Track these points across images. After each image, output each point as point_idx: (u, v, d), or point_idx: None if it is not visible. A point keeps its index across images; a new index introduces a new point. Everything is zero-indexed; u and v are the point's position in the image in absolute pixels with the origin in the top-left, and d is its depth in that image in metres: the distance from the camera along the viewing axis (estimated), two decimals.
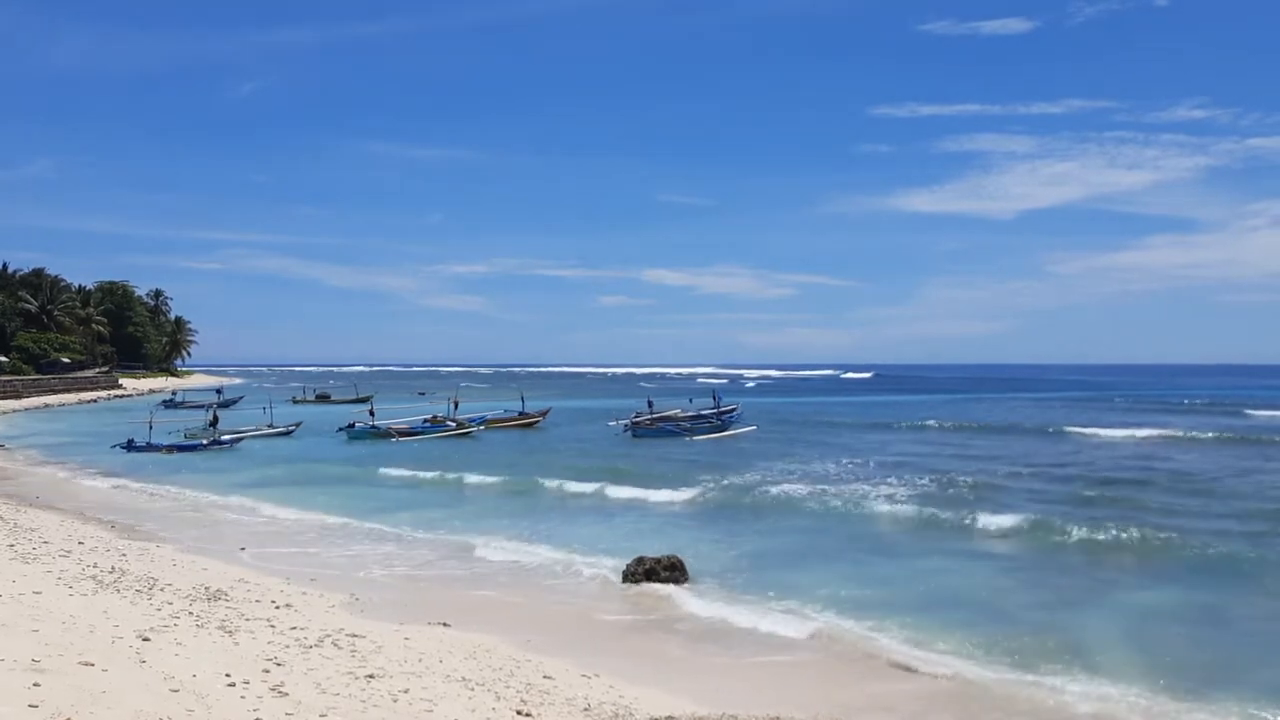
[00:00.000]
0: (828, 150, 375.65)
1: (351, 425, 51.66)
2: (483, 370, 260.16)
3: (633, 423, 52.69)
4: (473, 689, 11.15)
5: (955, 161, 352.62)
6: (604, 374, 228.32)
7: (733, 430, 53.90)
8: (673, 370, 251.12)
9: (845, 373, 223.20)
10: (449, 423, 53.35)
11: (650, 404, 55.98)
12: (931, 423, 58.02)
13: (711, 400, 57.66)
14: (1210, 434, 48.31)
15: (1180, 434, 48.90)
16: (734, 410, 58.38)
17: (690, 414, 55.42)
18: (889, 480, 32.26)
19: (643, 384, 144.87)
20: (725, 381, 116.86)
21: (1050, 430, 52.62)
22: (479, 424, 55.26)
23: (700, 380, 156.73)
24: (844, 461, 38.77)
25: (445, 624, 14.94)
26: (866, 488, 30.35)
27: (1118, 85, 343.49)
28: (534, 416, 60.38)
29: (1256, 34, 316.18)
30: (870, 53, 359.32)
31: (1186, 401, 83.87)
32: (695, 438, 50.48)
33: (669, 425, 52.98)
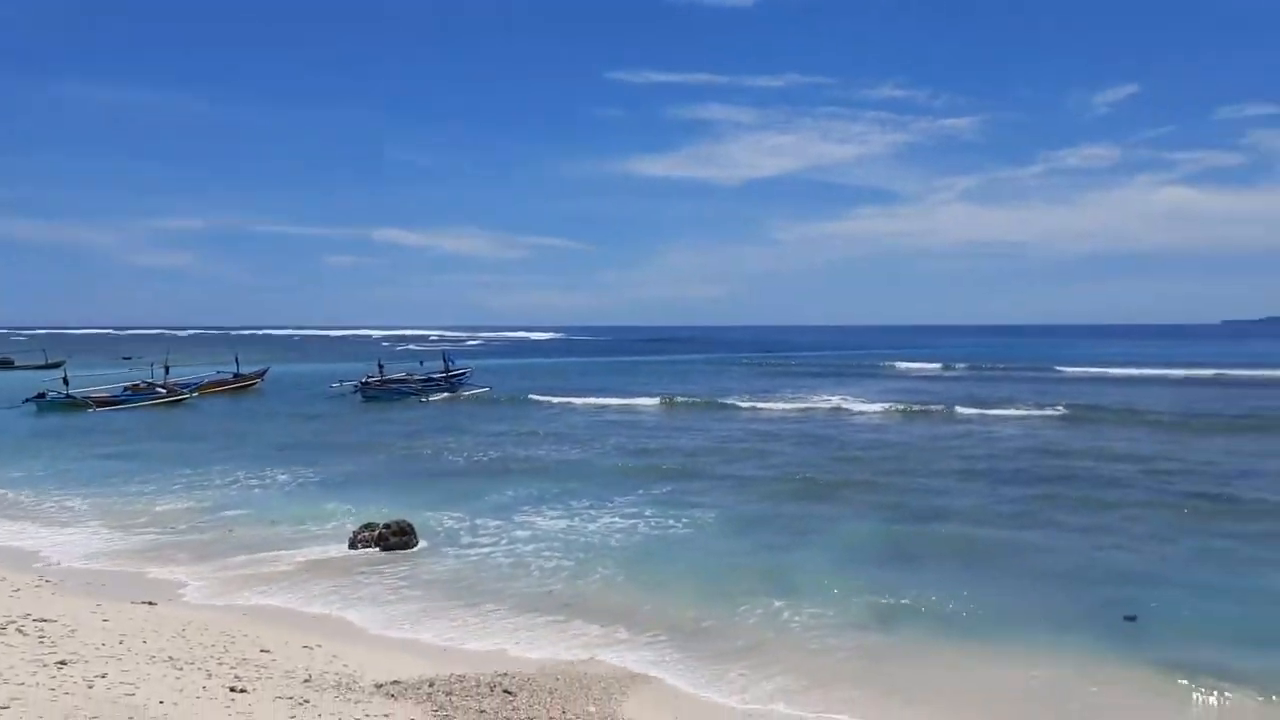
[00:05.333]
0: (564, 113, 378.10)
1: (42, 395, 46.69)
2: (199, 333, 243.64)
3: (363, 385, 51.36)
4: (181, 668, 10.47)
5: (686, 129, 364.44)
6: (333, 336, 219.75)
7: (465, 392, 53.87)
8: (409, 331, 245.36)
9: (579, 335, 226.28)
10: (158, 389, 49.53)
11: (381, 366, 54.46)
12: (655, 395, 59.82)
13: (443, 363, 56.87)
14: (885, 404, 52.64)
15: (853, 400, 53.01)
16: (465, 373, 57.89)
17: (421, 377, 54.58)
18: (612, 439, 33.31)
19: (379, 346, 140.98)
20: (454, 345, 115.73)
21: (726, 403, 54.88)
22: (191, 390, 51.73)
23: (434, 343, 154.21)
24: (567, 422, 39.50)
25: (150, 602, 13.94)
26: (590, 449, 31.22)
27: (831, 63, 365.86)
28: (250, 379, 57.38)
29: (949, 19, 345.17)
30: (607, 18, 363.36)
31: (886, 365, 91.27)
32: (427, 399, 50.62)
33: (400, 388, 52.42)
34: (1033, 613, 13.61)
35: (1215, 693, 10.70)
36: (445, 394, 52.60)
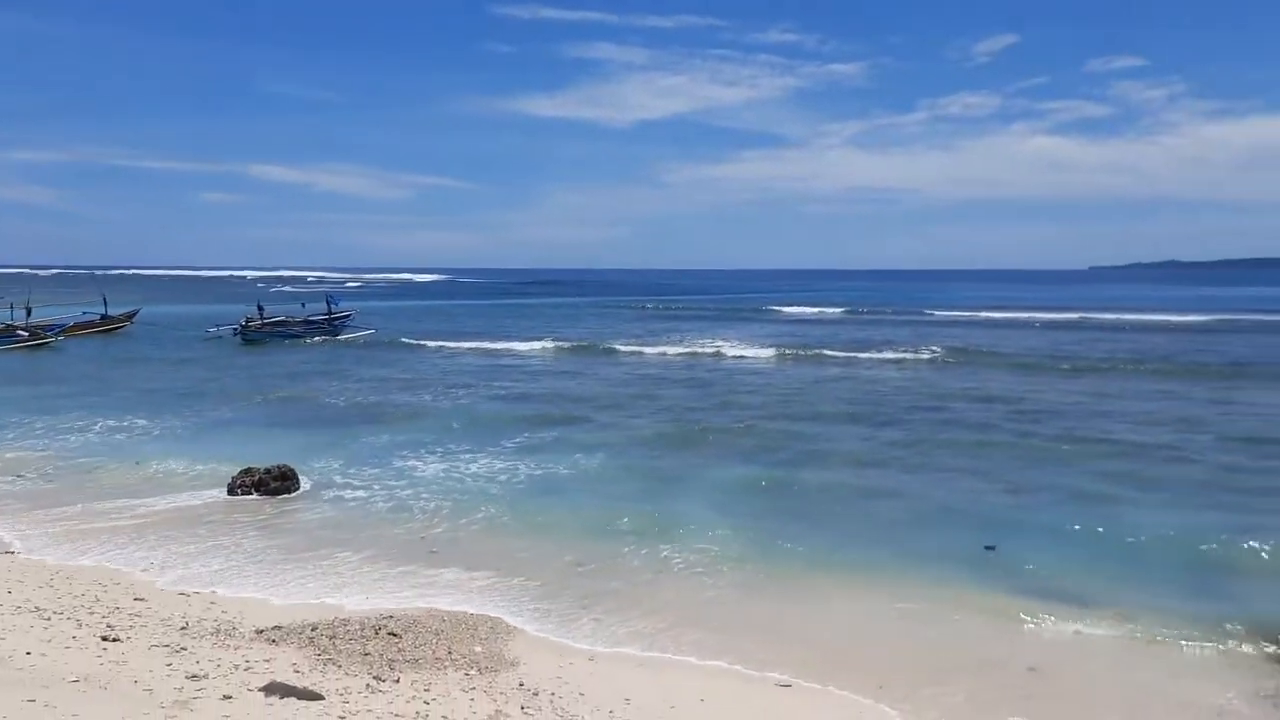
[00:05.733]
0: (448, 47, 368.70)
1: None
2: (63, 272, 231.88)
3: (242, 327, 49.91)
4: (49, 619, 10.17)
5: (576, 68, 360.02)
6: (206, 277, 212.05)
7: (348, 334, 52.90)
8: (285, 272, 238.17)
9: (463, 277, 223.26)
10: (20, 332, 47.11)
11: (261, 308, 52.89)
12: (543, 338, 59.49)
13: (325, 305, 55.53)
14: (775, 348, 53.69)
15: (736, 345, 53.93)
16: (349, 315, 56.71)
17: (303, 319, 53.29)
18: (497, 383, 33.28)
19: (254, 287, 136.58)
20: (333, 288, 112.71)
21: (613, 348, 53.91)
22: (56, 332, 49.38)
23: (311, 284, 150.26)
24: (452, 366, 39.20)
25: (10, 551, 13.44)
26: (475, 393, 31.16)
27: (722, 5, 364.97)
28: (120, 320, 55.11)
29: None
30: None
31: (773, 308, 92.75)
32: (310, 341, 49.68)
33: (281, 330, 51.24)
34: (903, 547, 14.21)
35: (1069, 620, 11.39)
36: (328, 337, 51.59)
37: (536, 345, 47.51)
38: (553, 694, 9.25)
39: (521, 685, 9.44)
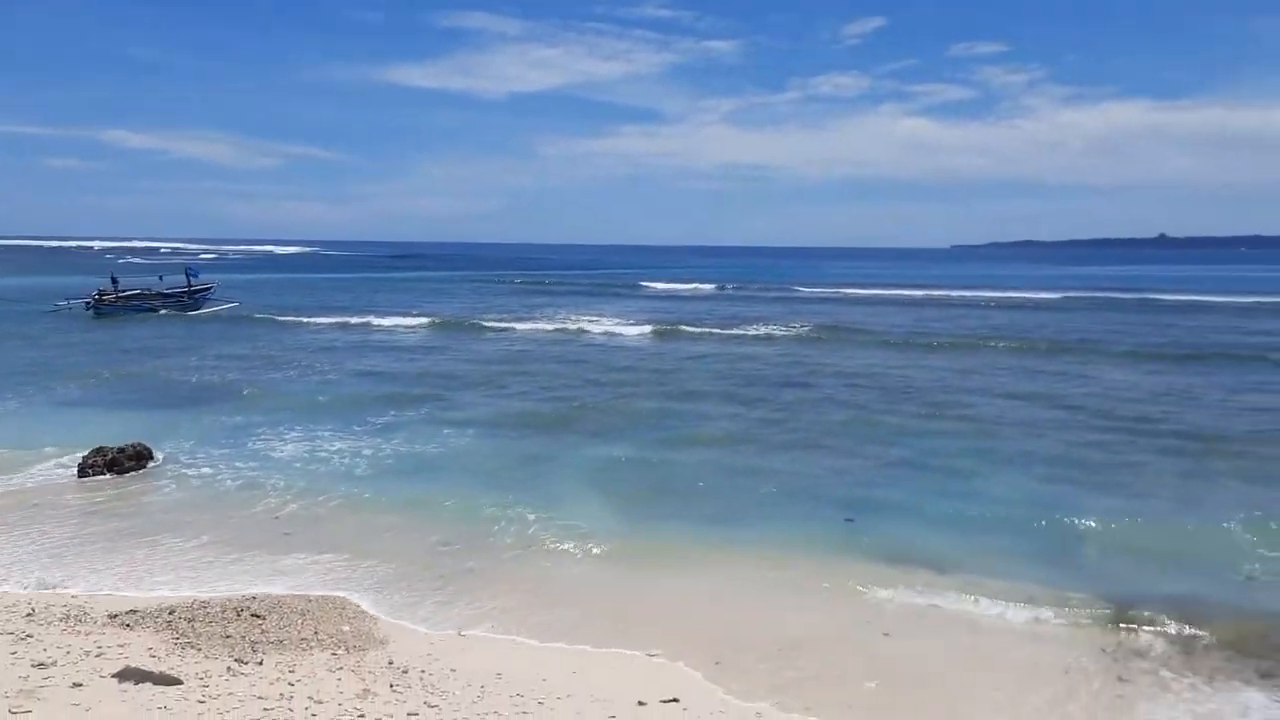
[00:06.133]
0: (315, 12, 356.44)
1: None
2: None
3: (95, 301, 47.55)
4: None
5: (448, 37, 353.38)
6: (48, 248, 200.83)
7: (209, 308, 51.03)
8: (137, 243, 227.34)
9: (330, 250, 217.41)
10: None
11: (115, 280, 50.49)
12: (413, 314, 58.40)
13: (185, 278, 53.35)
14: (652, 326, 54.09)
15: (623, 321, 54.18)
16: (209, 288, 54.63)
17: (160, 292, 51.11)
18: (366, 360, 32.70)
19: (102, 259, 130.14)
20: (188, 259, 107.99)
21: (486, 324, 53.71)
22: None
23: (164, 256, 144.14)
24: (318, 342, 38.26)
25: None
26: (342, 370, 30.57)
27: None
28: None
29: None
30: None
31: (646, 284, 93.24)
32: (168, 315, 47.85)
33: (137, 304, 49.06)
34: (769, 522, 14.55)
35: (923, 588, 11.88)
36: (188, 311, 49.63)
37: (405, 321, 46.69)
38: (423, 671, 9.20)
39: (391, 664, 9.34)
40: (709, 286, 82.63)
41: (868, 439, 20.31)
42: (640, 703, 8.79)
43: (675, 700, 8.89)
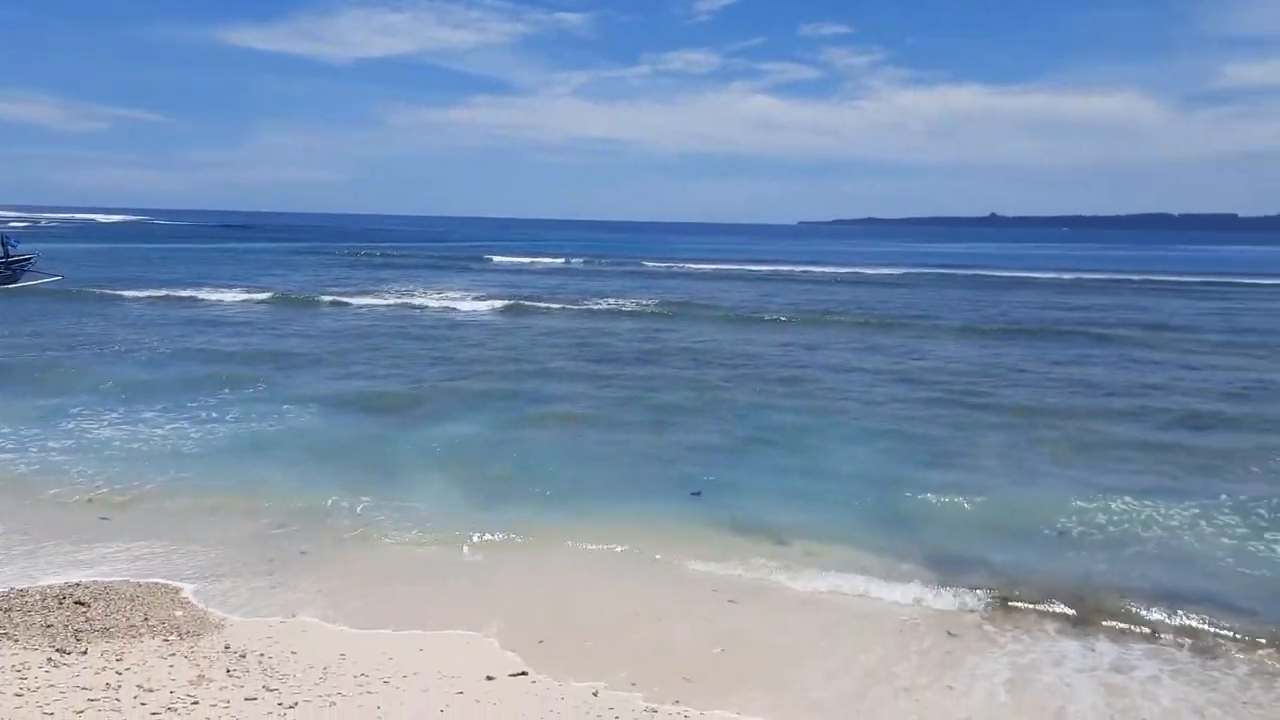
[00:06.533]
0: None
1: None
2: None
3: None
4: None
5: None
6: None
7: (29, 281, 47.79)
8: None
9: (163, 219, 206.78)
10: None
11: None
12: (251, 288, 55.94)
13: (1, 247, 49.79)
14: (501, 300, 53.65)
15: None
16: (29, 259, 51.15)
17: None
18: (198, 337, 31.42)
19: None
20: (7, 225, 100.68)
21: (328, 298, 50.35)
22: None
23: None
24: (147, 317, 36.48)
25: None
26: (172, 346, 29.28)
27: None
28: None
29: None
30: None
31: (493, 258, 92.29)
32: None
33: None
34: (617, 499, 14.61)
35: (765, 558, 12.23)
36: (4, 284, 46.38)
37: (242, 295, 44.74)
38: (262, 655, 8.93)
39: (228, 648, 9.04)
40: (560, 261, 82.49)
41: (715, 414, 20.65)
42: (489, 677, 8.77)
43: (524, 674, 8.90)
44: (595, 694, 8.55)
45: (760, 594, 11.14)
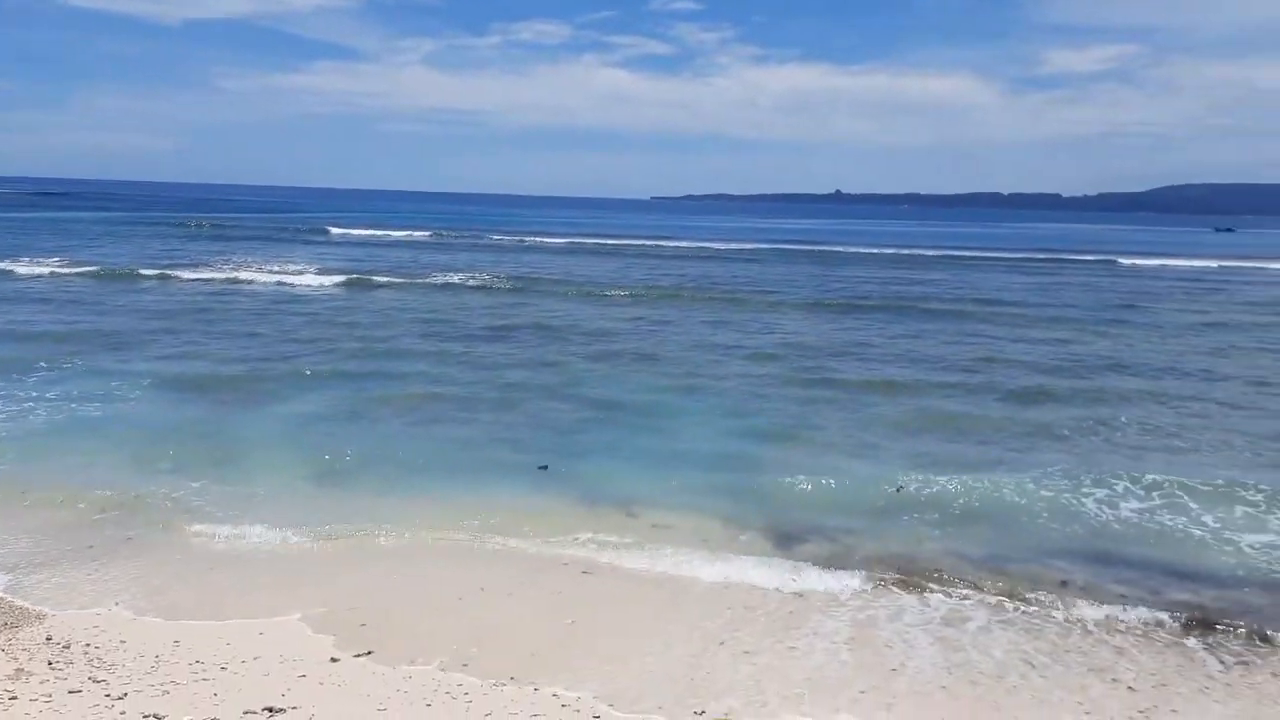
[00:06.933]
0: None
1: None
2: None
3: None
4: None
5: None
6: None
7: None
8: None
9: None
10: None
11: None
12: (70, 262, 52.38)
13: None
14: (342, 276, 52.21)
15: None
16: None
17: None
18: (12, 314, 29.48)
19: None
20: None
21: (156, 273, 46.39)
22: None
23: None
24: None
25: None
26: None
27: None
28: None
29: None
30: None
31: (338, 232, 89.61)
32: None
33: None
34: (465, 475, 14.42)
35: (610, 529, 12.34)
36: None
37: (62, 269, 41.90)
38: (88, 645, 8.50)
39: (50, 639, 8.57)
40: (410, 234, 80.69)
41: (566, 391, 20.55)
42: (333, 659, 8.56)
43: (370, 653, 8.73)
44: (443, 669, 8.46)
45: (608, 567, 11.20)
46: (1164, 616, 10.13)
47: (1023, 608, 10.31)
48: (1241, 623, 10.06)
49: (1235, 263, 69.54)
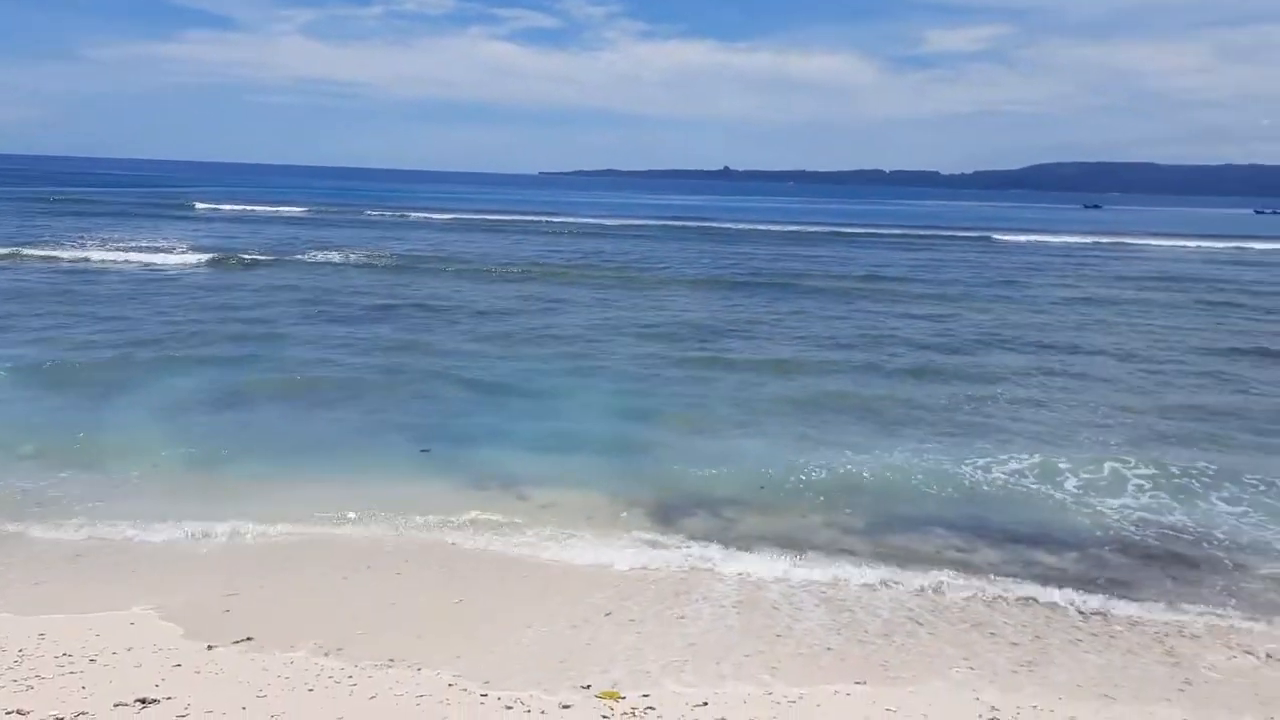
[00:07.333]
0: None
1: None
2: None
3: None
4: None
5: None
6: None
7: None
8: None
9: None
10: None
11: None
12: None
13: None
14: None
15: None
16: None
17: None
18: None
19: None
20: None
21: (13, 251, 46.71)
22: None
23: None
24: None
25: None
26: None
27: None
28: None
29: None
30: None
31: (202, 209, 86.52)
32: None
33: None
34: (346, 458, 14.16)
35: (493, 510, 12.31)
36: None
37: None
38: None
39: None
40: (288, 209, 78.39)
41: (452, 372, 20.28)
42: (209, 647, 8.31)
43: (249, 639, 8.50)
44: (326, 654, 8.29)
45: (495, 547, 11.13)
46: (1034, 575, 10.78)
47: (906, 571, 10.68)
48: (1100, 578, 10.80)
49: (1103, 238, 72.82)
